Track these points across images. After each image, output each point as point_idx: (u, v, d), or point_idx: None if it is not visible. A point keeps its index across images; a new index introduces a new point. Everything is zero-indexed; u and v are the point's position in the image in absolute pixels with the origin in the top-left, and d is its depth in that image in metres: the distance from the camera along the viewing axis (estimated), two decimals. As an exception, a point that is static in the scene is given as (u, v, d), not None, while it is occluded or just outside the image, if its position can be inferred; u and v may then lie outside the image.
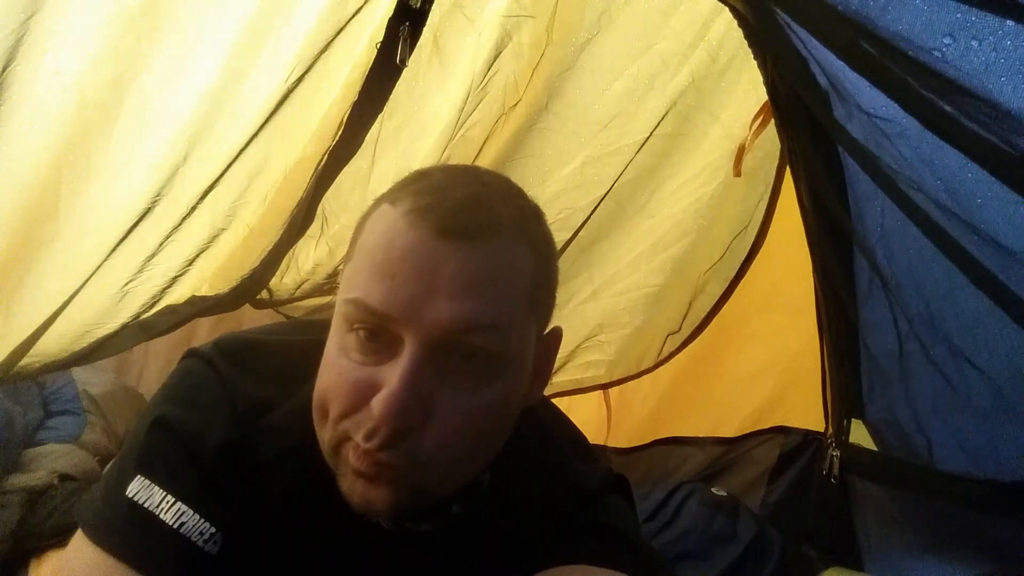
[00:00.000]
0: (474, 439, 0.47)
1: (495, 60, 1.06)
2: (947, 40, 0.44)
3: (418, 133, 1.13)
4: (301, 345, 0.57)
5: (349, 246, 0.50)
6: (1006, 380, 0.84)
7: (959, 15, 0.42)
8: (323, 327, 0.50)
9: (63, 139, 0.74)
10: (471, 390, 0.45)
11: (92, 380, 1.56)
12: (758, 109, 1.14)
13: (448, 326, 0.43)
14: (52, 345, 0.93)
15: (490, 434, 0.48)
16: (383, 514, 0.47)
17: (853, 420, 1.15)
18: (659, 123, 1.20)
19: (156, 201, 0.86)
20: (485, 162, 1.20)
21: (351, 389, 0.45)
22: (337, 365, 0.46)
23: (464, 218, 0.44)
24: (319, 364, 0.51)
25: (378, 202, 0.49)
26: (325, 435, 0.47)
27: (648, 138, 1.21)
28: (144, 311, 1.02)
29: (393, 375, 0.43)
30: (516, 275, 0.46)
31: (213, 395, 0.52)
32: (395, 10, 0.86)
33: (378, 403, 0.42)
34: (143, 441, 0.50)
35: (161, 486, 0.48)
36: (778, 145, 1.14)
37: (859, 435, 1.14)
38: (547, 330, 0.52)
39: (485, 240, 0.45)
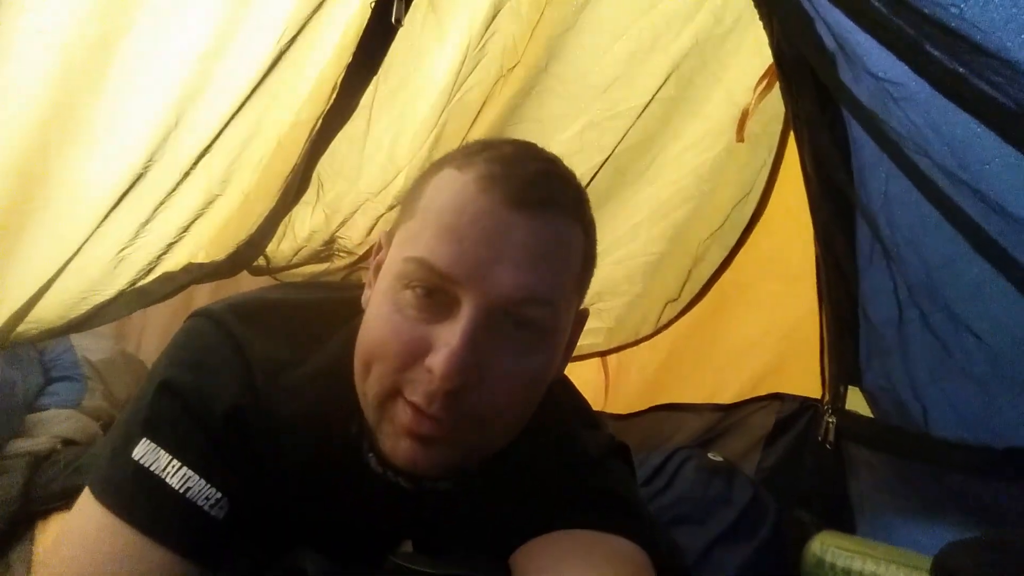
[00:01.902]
0: (520, 403, 0.49)
1: (493, 20, 1.03)
2: (964, -5, 0.42)
3: (414, 96, 1.11)
4: (315, 303, 0.57)
5: (404, 206, 0.51)
6: (1004, 348, 0.84)
7: (978, -31, 0.41)
8: (330, 287, 0.50)
9: (48, 102, 0.72)
10: (520, 356, 0.46)
11: (91, 346, 1.57)
12: (763, 72, 1.11)
13: (510, 294, 0.44)
14: (49, 312, 0.93)
15: (530, 401, 0.50)
16: (426, 473, 0.48)
17: (850, 387, 1.16)
18: (661, 86, 1.17)
19: (148, 166, 0.84)
20: (483, 126, 1.17)
21: (405, 344, 0.45)
22: (391, 320, 0.46)
23: (535, 191, 0.46)
24: (337, 322, 0.53)
25: (439, 165, 0.50)
26: (371, 389, 0.47)
27: (649, 102, 1.19)
28: (141, 278, 1.02)
29: (452, 334, 0.44)
30: (572, 253, 0.48)
31: (222, 357, 0.51)
32: (389, -33, 0.83)
33: (439, 361, 0.43)
34: (150, 403, 0.50)
35: (167, 450, 0.48)
36: (782, 110, 1.12)
37: (855, 402, 1.15)
38: None
39: (551, 215, 0.46)
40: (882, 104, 0.71)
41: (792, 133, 1.12)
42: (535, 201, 0.46)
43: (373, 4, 0.84)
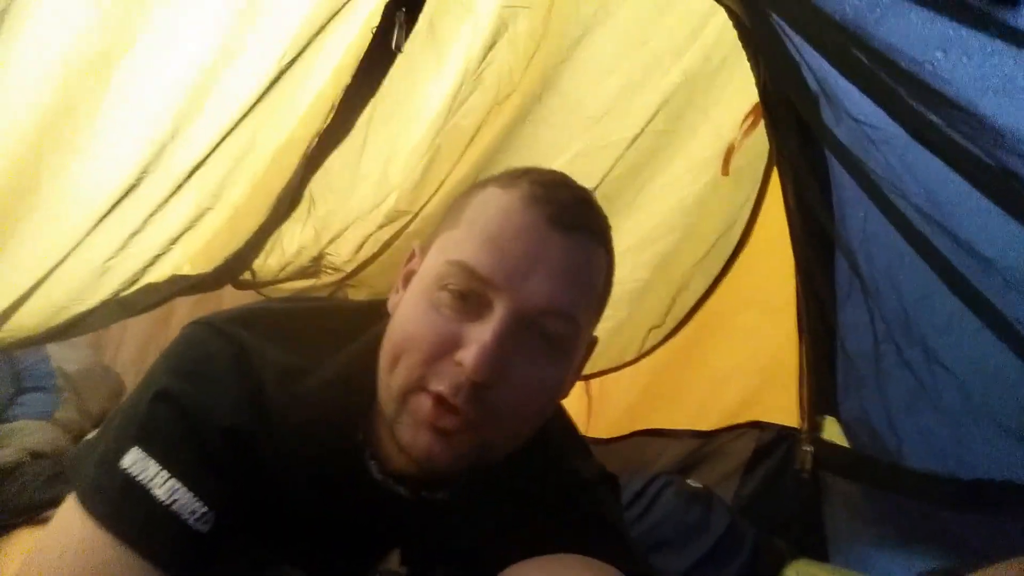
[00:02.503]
0: (534, 410, 0.51)
1: (490, 49, 1.05)
2: (939, 54, 0.45)
3: (410, 119, 1.12)
4: (322, 311, 0.59)
5: (446, 218, 0.55)
6: (974, 382, 0.87)
7: (951, 31, 0.44)
8: (325, 299, 0.51)
9: (47, 112, 0.73)
10: (540, 365, 0.49)
11: (68, 357, 1.53)
12: (749, 109, 1.16)
13: (540, 303, 0.48)
14: (28, 320, 0.92)
15: (542, 411, 0.52)
16: (442, 468, 0.49)
17: (827, 417, 1.18)
18: (651, 120, 1.20)
19: (142, 178, 0.84)
20: (476, 152, 1.19)
21: (438, 337, 0.48)
22: (426, 316, 0.49)
23: (573, 213, 0.50)
24: (346, 329, 0.55)
25: (483, 184, 0.54)
26: (396, 381, 0.49)
27: (639, 135, 1.22)
28: (124, 288, 1.01)
29: (484, 332, 0.46)
30: (597, 275, 0.52)
31: (223, 368, 0.51)
32: (392, -6, 0.85)
33: (471, 355, 0.46)
34: (145, 412, 0.50)
35: (157, 460, 0.48)
36: (766, 146, 1.16)
37: (832, 432, 1.17)
38: None
39: (585, 238, 0.51)
40: (861, 146, 0.75)
41: (776, 169, 1.16)
42: (572, 223, 0.50)
43: (374, 30, 0.86)
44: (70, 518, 0.47)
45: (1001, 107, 0.43)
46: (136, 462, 0.47)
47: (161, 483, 0.47)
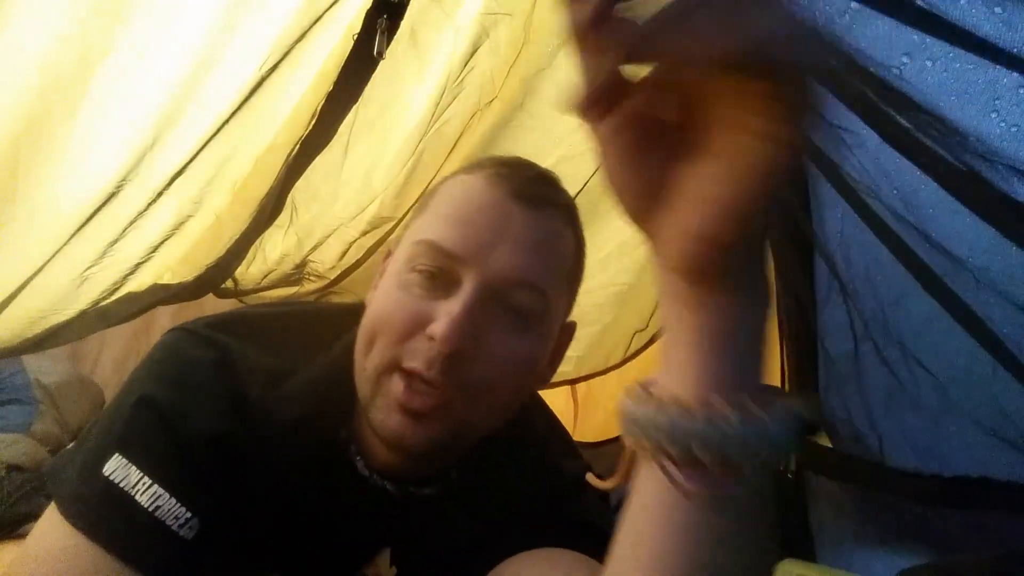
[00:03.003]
0: (509, 384, 0.51)
1: (472, 56, 1.06)
2: (904, 59, 0.47)
3: (392, 125, 1.13)
4: (299, 314, 0.59)
5: (416, 211, 0.56)
6: (951, 380, 0.89)
7: (916, 37, 0.45)
8: (305, 302, 0.51)
9: (24, 119, 0.72)
10: (512, 336, 0.49)
11: (45, 368, 1.51)
12: (727, 115, 1.17)
13: (507, 274, 0.48)
14: (3, 331, 0.90)
15: (517, 388, 0.52)
16: (414, 450, 0.49)
17: (809, 418, 1.20)
18: (632, 125, 1.22)
19: (121, 186, 0.83)
20: (459, 157, 1.20)
21: (409, 315, 0.48)
22: (397, 297, 0.49)
23: (536, 188, 0.51)
24: (326, 330, 0.55)
25: (453, 175, 0.56)
26: (371, 363, 0.49)
27: (621, 139, 1.23)
28: (103, 298, 0.99)
29: (452, 305, 0.47)
30: (565, 250, 0.53)
31: (204, 375, 0.51)
32: (373, 2, 0.85)
33: (440, 326, 0.46)
34: (126, 419, 0.49)
35: (139, 467, 0.47)
36: (745, 150, 1.17)
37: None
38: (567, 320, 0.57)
39: (548, 211, 0.51)
40: (836, 149, 0.76)
41: (754, 173, 1.17)
42: (535, 196, 0.51)
43: (356, 36, 0.86)
44: (50, 528, 0.46)
45: (964, 109, 0.45)
46: (117, 469, 0.47)
47: (143, 489, 0.46)
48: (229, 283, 1.24)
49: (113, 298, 1.01)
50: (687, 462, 0.28)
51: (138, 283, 1.03)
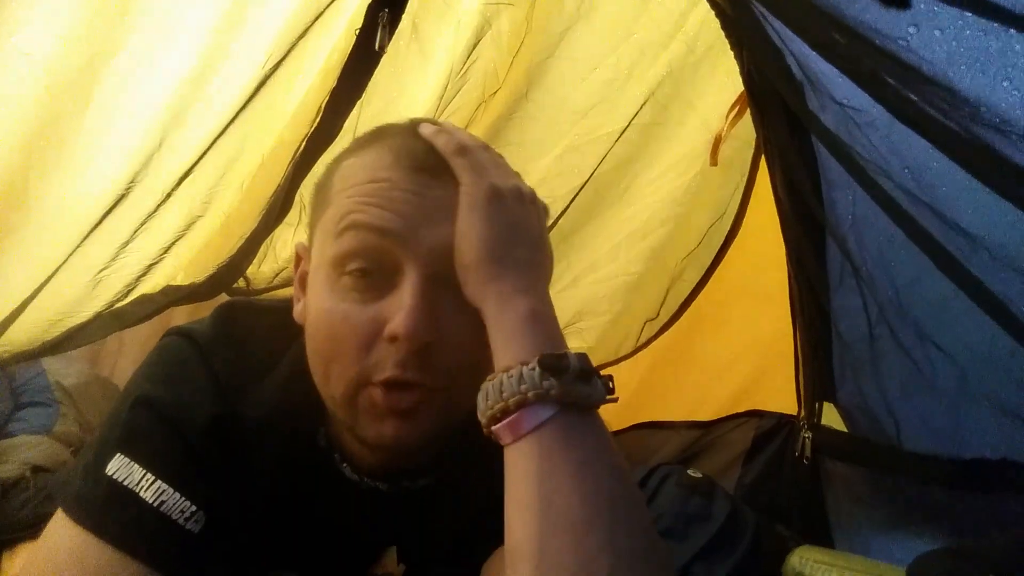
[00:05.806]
0: (483, 356, 0.47)
1: (475, 47, 1.06)
2: (911, 29, 0.46)
3: (397, 120, 1.12)
4: (287, 308, 0.57)
5: (314, 209, 0.52)
6: (969, 362, 0.87)
7: (923, 5, 0.44)
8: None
9: (32, 124, 0.73)
10: (471, 312, 0.46)
11: (65, 371, 1.53)
12: (734, 99, 1.16)
13: (444, 251, 0.46)
14: (21, 335, 0.92)
15: (491, 358, 0.49)
16: (414, 447, 0.48)
17: (825, 403, 1.18)
18: (637, 112, 1.21)
19: (130, 188, 0.84)
20: (465, 150, 1.19)
21: (358, 327, 0.45)
22: (336, 312, 0.46)
23: (431, 158, 0.49)
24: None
25: (337, 160, 0.52)
26: (336, 389, 0.47)
27: (626, 127, 1.22)
28: (118, 300, 1.01)
29: (403, 298, 0.44)
30: None
31: (194, 370, 0.52)
32: (374, -5, 0.85)
33: (398, 324, 0.44)
34: (125, 420, 0.50)
35: (142, 464, 0.48)
36: (754, 135, 1.16)
37: (831, 418, 1.17)
38: None
39: (447, 178, 0.48)
40: (847, 129, 0.75)
41: (763, 157, 1.16)
42: (435, 166, 0.48)
43: (357, 31, 0.86)
44: (57, 531, 0.47)
45: (975, 80, 0.44)
46: (120, 468, 0.48)
47: (147, 486, 0.47)
48: (241, 282, 1.25)
49: (127, 300, 1.03)
50: (500, 416, 0.42)
51: (151, 285, 1.04)
